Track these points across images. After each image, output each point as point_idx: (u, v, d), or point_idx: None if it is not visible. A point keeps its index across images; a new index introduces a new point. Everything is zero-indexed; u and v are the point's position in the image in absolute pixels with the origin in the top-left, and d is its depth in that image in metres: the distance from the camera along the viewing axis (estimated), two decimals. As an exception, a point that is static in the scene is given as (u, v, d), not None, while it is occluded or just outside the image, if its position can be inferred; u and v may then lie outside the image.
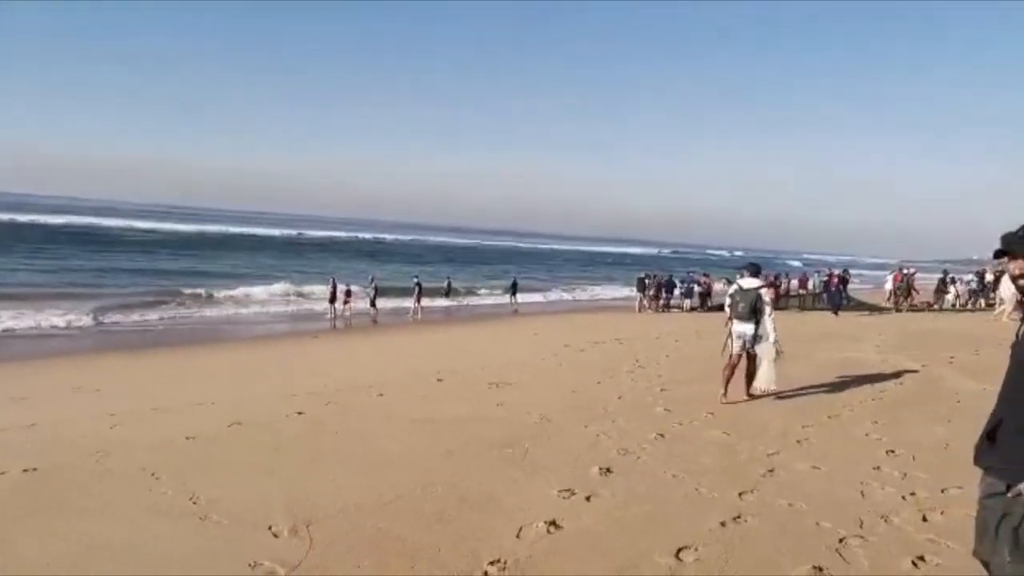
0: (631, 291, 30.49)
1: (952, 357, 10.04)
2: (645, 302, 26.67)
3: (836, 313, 21.86)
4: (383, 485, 4.70)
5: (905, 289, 24.62)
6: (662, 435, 6.21)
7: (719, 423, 6.61)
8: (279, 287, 29.67)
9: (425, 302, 25.25)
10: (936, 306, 24.92)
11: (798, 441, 5.83)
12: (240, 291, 27.52)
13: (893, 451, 5.37)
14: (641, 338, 15.47)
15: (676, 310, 26.82)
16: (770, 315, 7.62)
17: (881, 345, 12.24)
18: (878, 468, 4.94)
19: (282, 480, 4.81)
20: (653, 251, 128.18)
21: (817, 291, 27.09)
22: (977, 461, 2.27)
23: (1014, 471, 2.12)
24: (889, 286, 26.67)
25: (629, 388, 8.83)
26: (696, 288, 26.78)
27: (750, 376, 7.77)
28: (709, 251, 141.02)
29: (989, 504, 2.21)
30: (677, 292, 27.23)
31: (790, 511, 4.24)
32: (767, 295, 7.82)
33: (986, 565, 2.22)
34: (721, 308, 25.57)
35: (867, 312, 23.07)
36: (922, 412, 6.71)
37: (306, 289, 29.51)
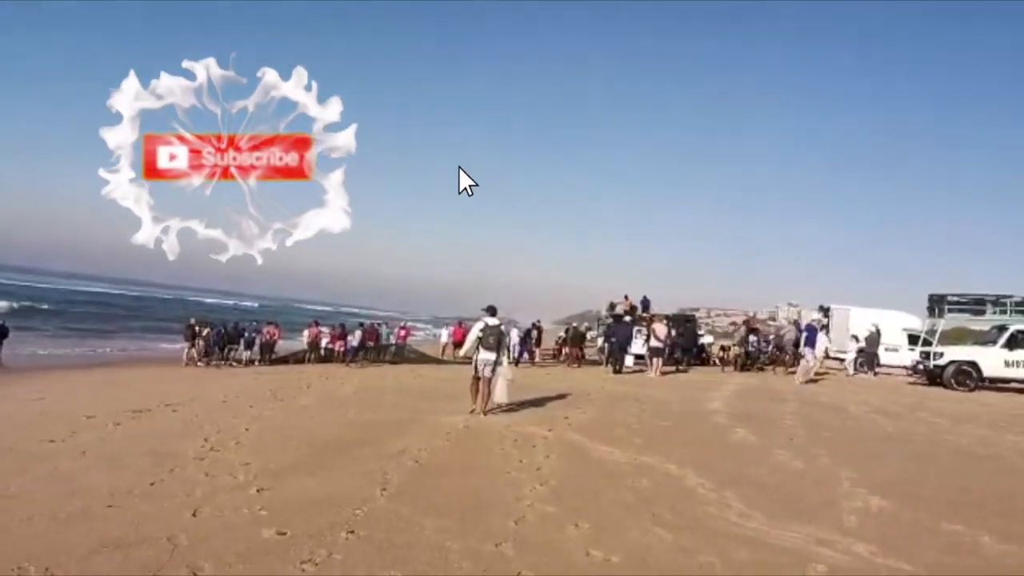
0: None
1: (566, 416, 9.58)
2: (194, 354, 22.53)
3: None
4: None
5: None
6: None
7: (367, 551, 4.34)
8: None
9: None
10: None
11: None
12: None
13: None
14: (200, 401, 12.04)
15: (236, 364, 23.29)
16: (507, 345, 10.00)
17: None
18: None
19: None
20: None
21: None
22: None
23: None
24: (444, 339, 27.86)
25: (207, 491, 5.82)
26: (258, 339, 23.86)
27: (486, 395, 9.59)
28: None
29: None
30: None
31: None
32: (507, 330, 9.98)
33: None
34: (286, 361, 24.34)
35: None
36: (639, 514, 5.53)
37: None
